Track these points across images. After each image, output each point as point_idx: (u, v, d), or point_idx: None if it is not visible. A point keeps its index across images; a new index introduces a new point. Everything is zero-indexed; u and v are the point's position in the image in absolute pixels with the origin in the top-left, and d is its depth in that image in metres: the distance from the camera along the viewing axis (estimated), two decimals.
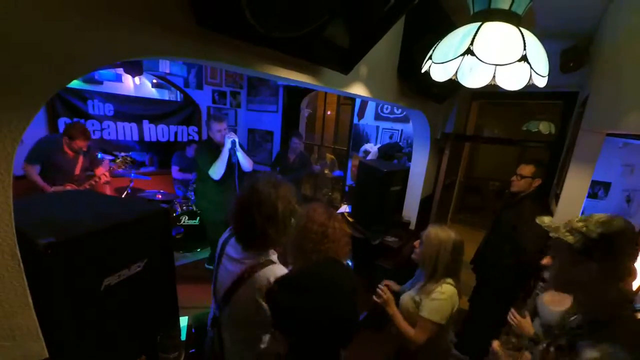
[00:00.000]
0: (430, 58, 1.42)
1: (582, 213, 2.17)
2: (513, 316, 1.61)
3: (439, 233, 1.61)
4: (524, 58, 1.20)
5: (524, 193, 2.46)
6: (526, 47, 1.20)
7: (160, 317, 1.39)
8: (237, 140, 3.03)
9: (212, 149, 3.10)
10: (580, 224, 1.06)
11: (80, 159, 3.16)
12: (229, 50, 1.21)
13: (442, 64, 1.35)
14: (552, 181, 2.72)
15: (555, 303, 1.47)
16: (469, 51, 1.23)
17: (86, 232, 1.05)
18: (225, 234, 1.43)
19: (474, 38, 1.24)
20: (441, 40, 1.40)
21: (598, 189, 3.61)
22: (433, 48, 1.42)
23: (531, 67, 1.23)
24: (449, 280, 1.61)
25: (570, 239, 1.05)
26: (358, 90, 1.97)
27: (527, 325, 1.53)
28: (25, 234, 0.95)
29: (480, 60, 1.21)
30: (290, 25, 1.14)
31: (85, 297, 1.06)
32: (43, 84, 0.85)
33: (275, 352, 1.21)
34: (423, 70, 1.49)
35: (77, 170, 3.14)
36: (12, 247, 0.87)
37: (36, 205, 1.26)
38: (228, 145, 2.99)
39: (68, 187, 3.02)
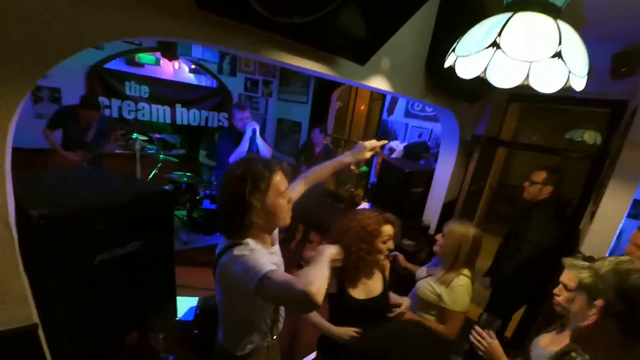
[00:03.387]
0: (453, 51, 1.30)
1: (619, 234, 1.94)
2: (480, 337, 1.33)
3: (460, 227, 1.76)
4: (558, 55, 1.06)
5: (534, 201, 2.27)
6: (562, 42, 1.06)
7: (154, 297, 1.41)
8: (257, 128, 3.09)
9: (234, 137, 3.15)
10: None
11: (93, 129, 3.55)
12: (233, 35, 1.18)
13: (466, 57, 1.24)
14: (589, 196, 2.46)
15: (549, 345, 1.28)
16: (494, 44, 1.11)
17: (81, 208, 1.07)
18: None
19: (502, 29, 1.11)
20: (467, 31, 1.27)
21: None
22: (457, 40, 1.30)
23: (566, 65, 1.08)
24: (465, 271, 1.74)
25: (584, 277, 0.80)
26: (378, 83, 1.87)
27: (497, 347, 1.30)
28: (22, 204, 0.98)
29: (506, 55, 1.09)
30: (297, 10, 1.07)
31: (77, 269, 1.09)
32: (37, 58, 0.85)
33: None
34: (446, 65, 1.37)
35: (89, 138, 3.54)
36: (5, 216, 0.89)
37: (43, 179, 1.30)
38: (249, 133, 3.04)
39: (78, 152, 3.45)
